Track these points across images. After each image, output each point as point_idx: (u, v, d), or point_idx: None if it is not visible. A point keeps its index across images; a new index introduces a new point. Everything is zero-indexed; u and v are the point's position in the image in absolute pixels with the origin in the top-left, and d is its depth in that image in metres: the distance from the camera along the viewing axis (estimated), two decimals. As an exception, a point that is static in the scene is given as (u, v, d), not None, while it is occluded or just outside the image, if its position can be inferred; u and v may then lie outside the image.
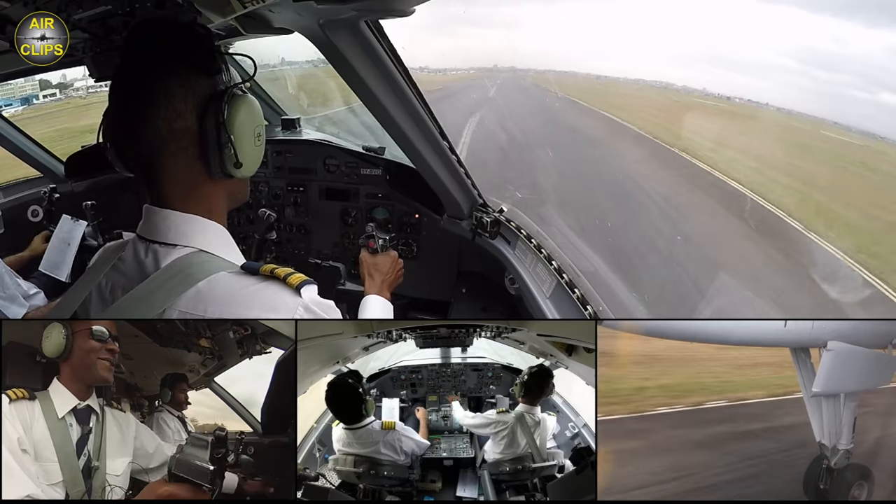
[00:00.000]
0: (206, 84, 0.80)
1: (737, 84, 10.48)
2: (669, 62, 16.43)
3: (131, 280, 0.82)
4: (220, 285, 0.77)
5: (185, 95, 0.78)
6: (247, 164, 0.82)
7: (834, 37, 8.65)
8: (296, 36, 1.21)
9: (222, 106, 0.79)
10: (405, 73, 1.30)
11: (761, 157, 6.59)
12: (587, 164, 7.30)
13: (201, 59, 0.80)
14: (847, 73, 8.47)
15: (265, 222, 1.99)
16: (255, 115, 0.84)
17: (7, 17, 1.05)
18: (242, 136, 0.81)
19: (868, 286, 3.76)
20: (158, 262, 0.80)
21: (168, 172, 0.81)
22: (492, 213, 1.84)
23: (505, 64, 15.08)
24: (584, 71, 13.70)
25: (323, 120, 3.66)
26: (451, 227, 1.95)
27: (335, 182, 2.34)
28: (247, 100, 0.82)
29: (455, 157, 1.67)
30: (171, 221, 0.82)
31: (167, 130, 0.78)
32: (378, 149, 2.28)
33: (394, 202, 2.27)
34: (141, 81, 0.78)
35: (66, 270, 2.28)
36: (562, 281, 1.55)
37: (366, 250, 1.50)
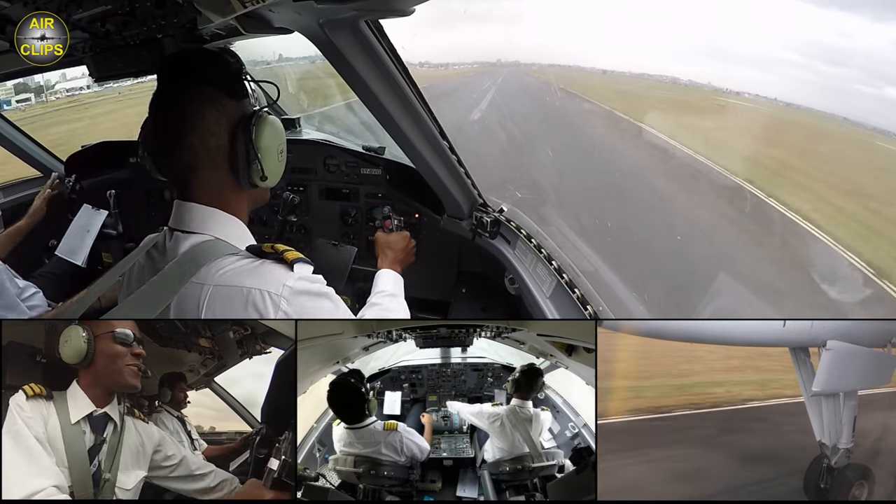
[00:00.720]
0: (236, 107, 0.90)
1: (743, 79, 10.33)
2: (674, 56, 16.31)
3: (157, 265, 0.91)
4: (225, 262, 0.86)
5: (217, 118, 0.88)
6: (271, 177, 0.94)
7: (840, 31, 8.58)
8: (296, 34, 1.21)
9: (251, 127, 0.89)
10: (405, 73, 1.30)
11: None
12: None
13: (230, 85, 0.90)
14: (852, 67, 8.39)
15: (288, 204, 2.12)
16: (278, 134, 0.94)
17: (7, 17, 1.05)
18: (268, 153, 0.91)
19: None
20: (178, 249, 0.89)
21: (200, 182, 0.91)
22: (492, 212, 1.84)
23: (508, 59, 14.99)
24: (587, 66, 13.58)
25: (322, 118, 3.65)
26: (451, 227, 1.95)
27: (335, 182, 2.34)
28: (271, 121, 0.92)
29: (455, 157, 1.67)
30: (195, 213, 0.91)
31: (202, 149, 0.88)
32: (378, 149, 2.28)
33: (394, 202, 2.27)
34: (178, 107, 0.88)
35: (84, 255, 2.32)
36: (562, 281, 1.55)
37: (382, 230, 1.64)
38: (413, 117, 1.44)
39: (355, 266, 2.10)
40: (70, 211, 2.47)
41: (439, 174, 1.69)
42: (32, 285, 1.88)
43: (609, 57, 17.65)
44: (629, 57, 15.51)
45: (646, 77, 12.37)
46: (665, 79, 11.88)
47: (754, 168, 6.35)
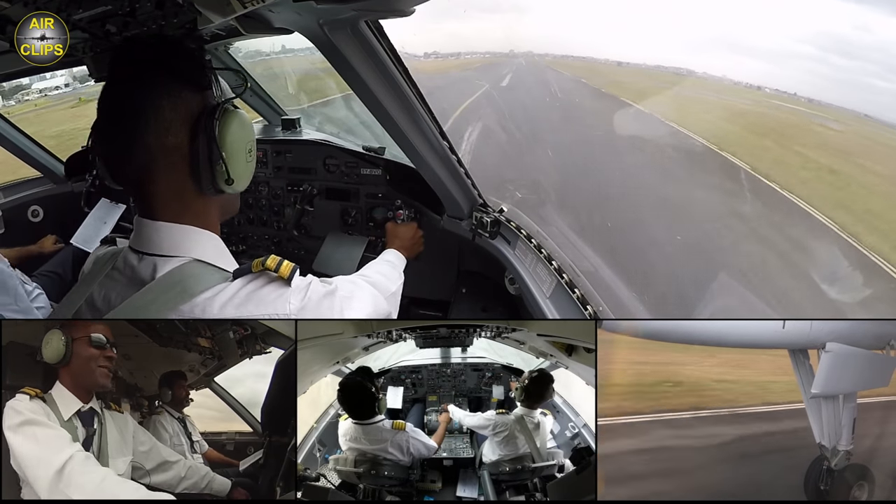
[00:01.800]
0: (197, 99, 0.80)
1: (758, 71, 10.05)
2: (687, 47, 15.99)
3: (127, 289, 0.82)
4: (219, 293, 0.79)
5: (174, 111, 0.77)
6: (238, 180, 0.82)
7: (856, 24, 8.36)
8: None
9: (213, 122, 0.78)
10: (405, 73, 1.30)
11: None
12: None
13: (190, 74, 0.79)
14: (868, 60, 8.15)
15: (307, 195, 2.29)
16: (246, 130, 0.83)
17: (7, 17, 1.05)
18: (234, 152, 0.80)
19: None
20: (155, 272, 0.80)
21: (159, 188, 0.80)
22: (492, 213, 1.84)
23: (520, 49, 14.73)
24: (602, 57, 13.31)
25: (323, 119, 3.64)
26: (451, 227, 1.95)
27: (335, 182, 2.34)
28: (238, 115, 0.81)
29: (455, 157, 1.67)
30: (164, 233, 0.82)
31: (157, 146, 0.77)
32: (378, 149, 2.28)
33: (394, 202, 2.27)
34: (129, 96, 0.77)
35: (97, 244, 2.32)
36: (562, 281, 1.55)
37: (392, 221, 1.82)
38: (413, 117, 1.44)
39: (367, 254, 2.21)
40: (87, 204, 2.48)
41: (439, 174, 1.69)
42: (37, 286, 1.89)
43: (622, 48, 17.36)
44: (642, 48, 15.18)
45: (661, 69, 12.11)
46: (681, 71, 11.50)
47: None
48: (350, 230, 2.34)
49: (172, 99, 0.77)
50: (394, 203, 2.12)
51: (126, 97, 0.77)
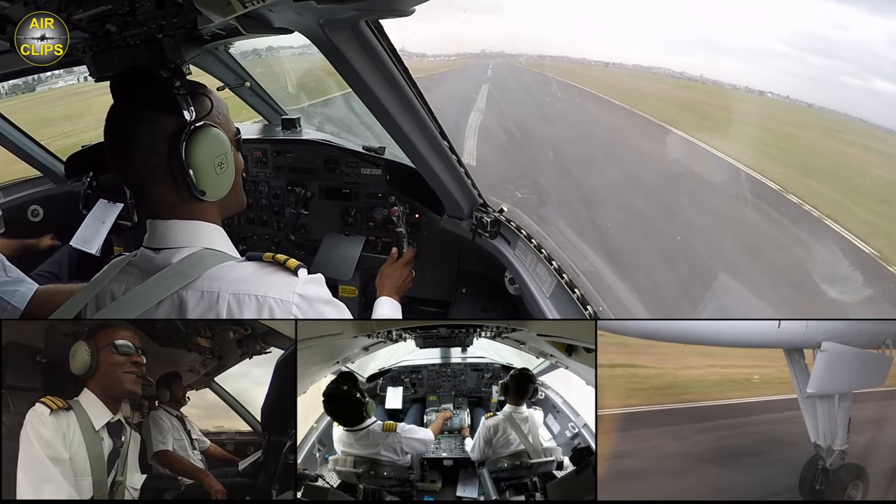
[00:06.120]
0: (171, 122, 0.89)
1: (733, 70, 10.06)
2: (665, 47, 15.93)
3: (143, 278, 0.89)
4: (234, 270, 0.88)
5: (152, 136, 0.88)
6: (210, 192, 0.91)
7: (833, 23, 8.35)
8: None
9: (181, 142, 0.87)
10: (405, 73, 1.31)
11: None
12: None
13: (161, 101, 0.88)
14: (843, 59, 8.16)
15: (301, 199, 2.27)
16: (213, 145, 0.91)
17: (7, 17, 1.05)
18: (202, 167, 0.89)
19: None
20: (169, 261, 0.89)
21: (158, 195, 0.91)
22: (492, 213, 1.84)
23: (495, 49, 14.69)
24: (577, 56, 13.23)
25: (323, 118, 3.64)
26: (451, 227, 1.96)
27: (335, 182, 2.34)
28: (206, 133, 0.90)
29: (455, 157, 1.67)
30: (176, 229, 0.92)
31: (144, 168, 0.89)
32: (378, 149, 2.28)
33: (394, 202, 2.27)
34: (117, 128, 0.90)
35: (98, 244, 2.37)
36: (562, 281, 1.56)
37: (388, 261, 1.72)
38: (413, 117, 1.44)
39: (364, 254, 2.23)
40: (86, 206, 2.50)
41: (439, 174, 1.69)
42: (27, 279, 1.87)
43: (600, 48, 17.33)
44: (619, 47, 15.14)
45: (638, 69, 12.07)
46: (662, 72, 11.52)
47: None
48: (350, 230, 2.34)
49: (148, 125, 0.88)
50: (388, 200, 2.07)
51: (115, 128, 0.90)
